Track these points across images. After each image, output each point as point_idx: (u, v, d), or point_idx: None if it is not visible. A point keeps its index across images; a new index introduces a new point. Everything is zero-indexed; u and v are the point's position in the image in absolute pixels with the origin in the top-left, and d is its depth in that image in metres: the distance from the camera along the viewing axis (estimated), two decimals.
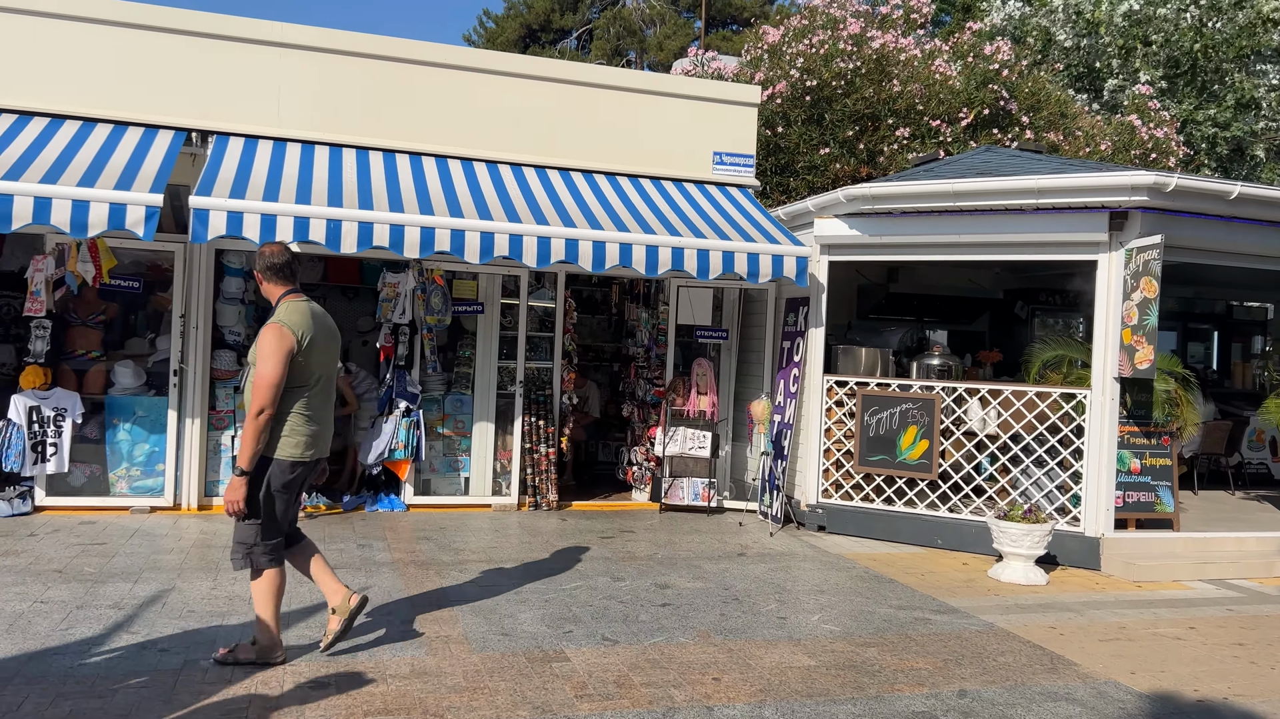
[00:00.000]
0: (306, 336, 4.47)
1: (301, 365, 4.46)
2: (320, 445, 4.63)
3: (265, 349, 4.37)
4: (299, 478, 4.57)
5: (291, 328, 4.43)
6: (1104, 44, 17.29)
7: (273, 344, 4.36)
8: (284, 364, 4.37)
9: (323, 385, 4.61)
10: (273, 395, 4.34)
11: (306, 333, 4.47)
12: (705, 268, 7.97)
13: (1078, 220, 7.54)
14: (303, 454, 4.52)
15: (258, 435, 4.35)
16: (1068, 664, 5.26)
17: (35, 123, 7.65)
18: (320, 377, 4.59)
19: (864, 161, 11.38)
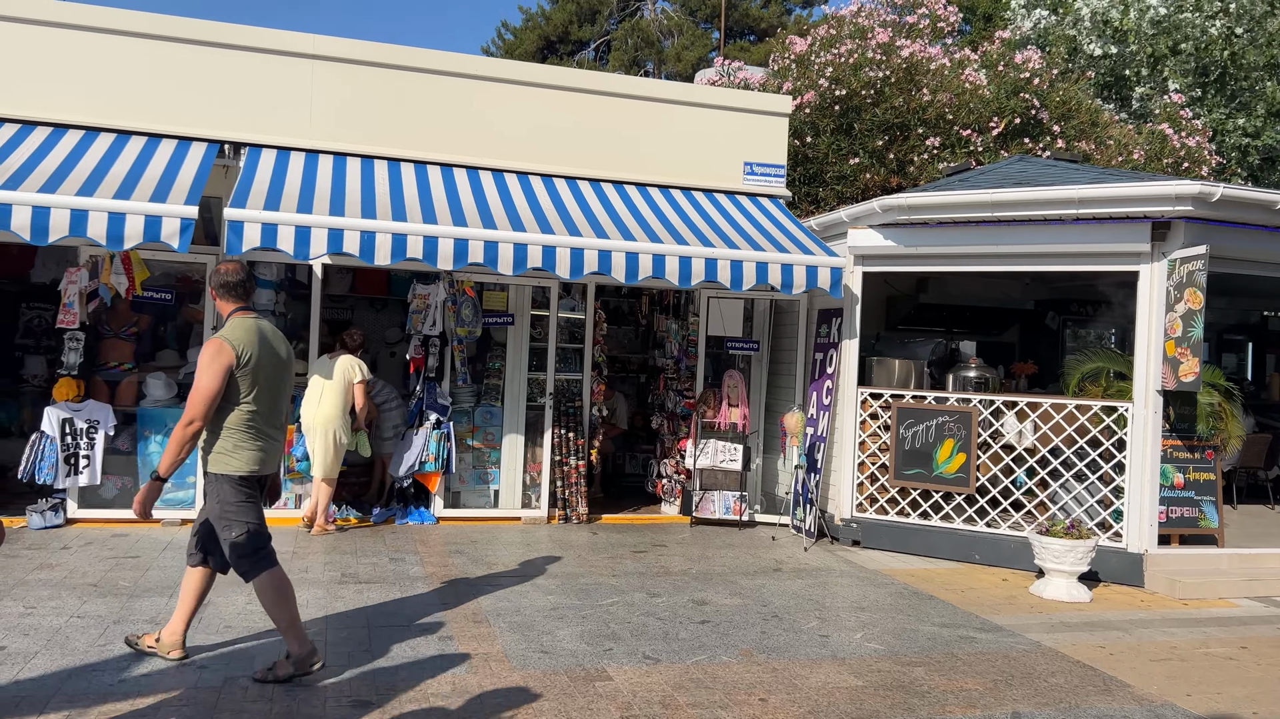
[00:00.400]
0: (248, 353, 4.49)
1: (244, 381, 4.49)
2: (269, 461, 4.68)
3: (202, 362, 4.43)
4: (251, 490, 4.64)
5: (233, 343, 4.47)
6: (1131, 52, 17.13)
7: (210, 358, 4.42)
8: (220, 378, 4.41)
9: (269, 402, 4.63)
10: (205, 409, 4.39)
11: (248, 349, 4.50)
12: (739, 278, 7.89)
13: (1119, 230, 7.42)
14: (250, 469, 4.57)
15: (182, 445, 4.40)
16: (1121, 685, 5.14)
17: (70, 135, 7.67)
18: (265, 393, 4.60)
19: (894, 171, 11.28)
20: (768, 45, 31.41)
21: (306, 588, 6.25)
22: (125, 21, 7.91)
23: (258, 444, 4.59)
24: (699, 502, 9.15)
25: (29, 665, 4.63)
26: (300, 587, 6.27)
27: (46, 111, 7.74)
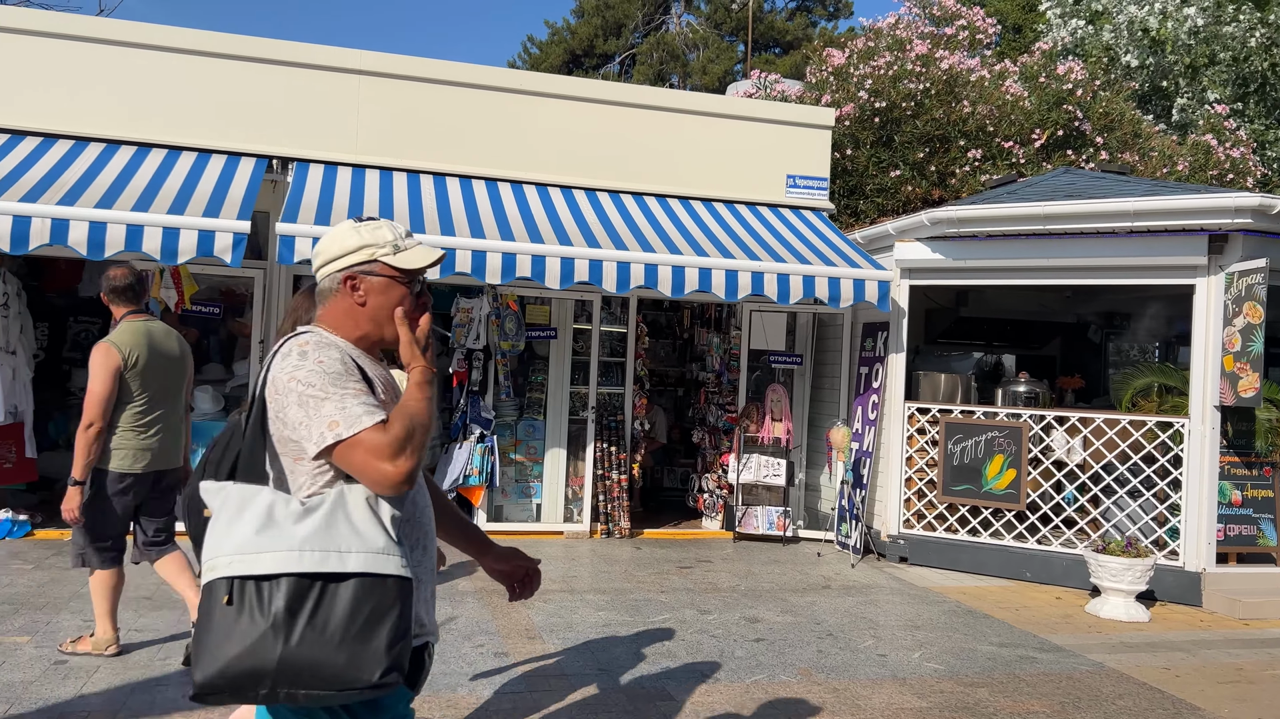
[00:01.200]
0: (135, 354, 4.70)
1: (133, 382, 4.70)
2: (156, 459, 4.84)
3: (93, 366, 4.61)
4: (129, 488, 4.79)
5: (119, 346, 4.66)
6: (1170, 63, 16.96)
7: (98, 362, 4.61)
8: (110, 380, 4.61)
9: (155, 401, 4.80)
10: (100, 410, 4.59)
11: (135, 351, 4.70)
12: (785, 292, 7.84)
13: (1174, 243, 7.31)
14: (131, 466, 4.75)
15: (88, 447, 4.60)
16: (1191, 708, 5.02)
17: (123, 151, 7.76)
18: (152, 393, 4.79)
19: (935, 184, 11.20)
20: (793, 57, 31.47)
21: None
22: (176, 39, 8.00)
23: (143, 443, 4.79)
24: (742, 517, 9.08)
25: (91, 680, 4.64)
26: None
27: (100, 128, 7.83)
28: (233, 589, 1.89)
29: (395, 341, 2.18)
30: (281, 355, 2.06)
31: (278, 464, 2.07)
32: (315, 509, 1.97)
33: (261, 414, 2.07)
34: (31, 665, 4.79)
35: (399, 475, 1.95)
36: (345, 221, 2.21)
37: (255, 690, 1.89)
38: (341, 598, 1.92)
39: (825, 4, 35.46)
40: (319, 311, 2.23)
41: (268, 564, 1.91)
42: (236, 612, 1.89)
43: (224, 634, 1.88)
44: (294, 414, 2.00)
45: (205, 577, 1.94)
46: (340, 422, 1.97)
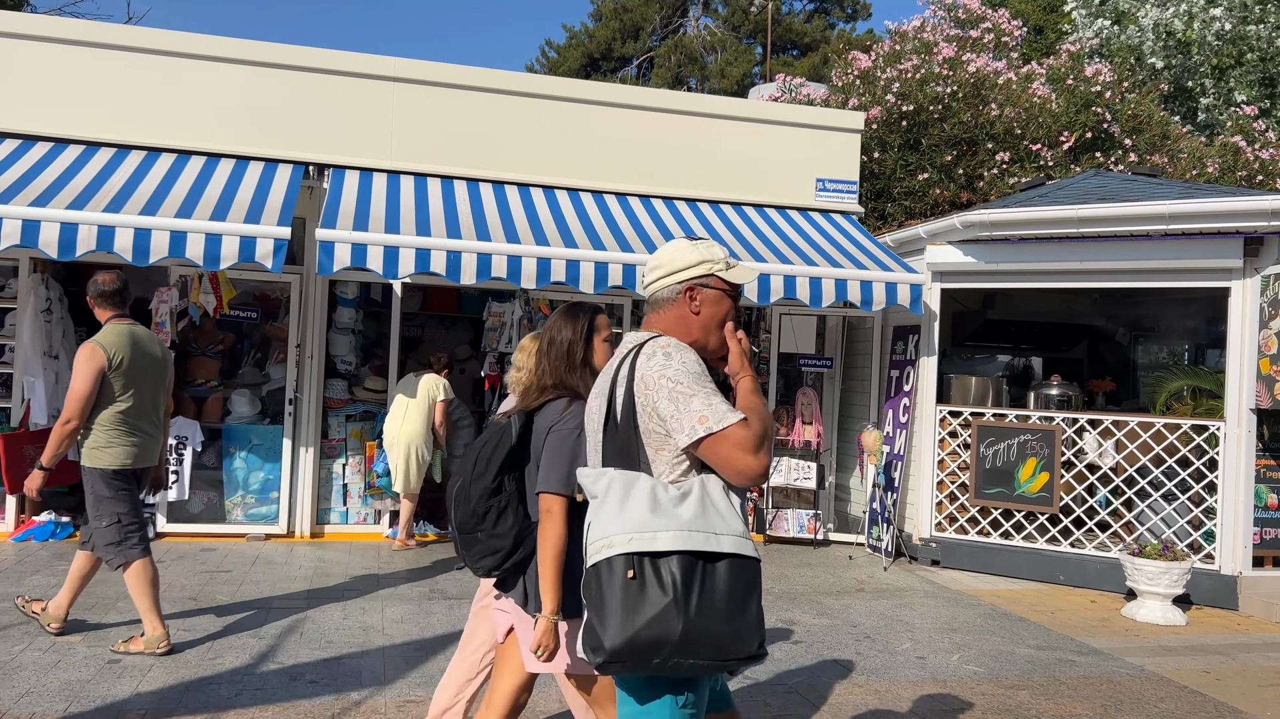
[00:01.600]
0: (119, 355, 4.90)
1: (117, 382, 4.91)
2: (142, 456, 5.06)
3: (77, 365, 4.81)
4: (123, 483, 5.00)
5: (105, 347, 4.87)
6: (1195, 63, 16.89)
7: (83, 361, 4.82)
8: (93, 380, 4.81)
9: (140, 401, 5.03)
10: (80, 408, 4.80)
11: (120, 352, 4.91)
12: (818, 295, 7.87)
13: (1209, 246, 7.30)
14: (122, 463, 4.97)
15: (61, 441, 4.82)
16: (1234, 712, 5.02)
17: (164, 158, 7.87)
18: (138, 392, 5.01)
19: (963, 187, 11.20)
20: (811, 59, 31.48)
21: (396, 603, 6.32)
22: (215, 47, 8.11)
23: (131, 440, 4.99)
24: (772, 520, 9.11)
25: (146, 679, 4.72)
26: (390, 602, 6.34)
27: (140, 135, 7.95)
28: (635, 564, 2.09)
29: (718, 349, 2.43)
30: (646, 356, 2.28)
31: (643, 453, 2.27)
32: (689, 494, 2.19)
33: (630, 408, 2.27)
34: (86, 665, 4.88)
35: (760, 468, 2.16)
36: (680, 240, 2.47)
37: (653, 659, 2.07)
38: (719, 575, 2.13)
39: (843, 6, 35.44)
40: (651, 318, 2.48)
41: (664, 542, 2.10)
42: (640, 586, 2.08)
43: (630, 607, 2.07)
44: (665, 408, 2.20)
45: (599, 554, 2.14)
46: (709, 417, 2.16)
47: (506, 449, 2.80)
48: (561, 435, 2.90)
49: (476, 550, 2.98)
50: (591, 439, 2.47)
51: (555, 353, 3.08)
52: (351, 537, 8.42)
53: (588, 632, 2.12)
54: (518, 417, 2.92)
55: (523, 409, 2.98)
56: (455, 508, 2.89)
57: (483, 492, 2.93)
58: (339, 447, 8.55)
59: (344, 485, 8.55)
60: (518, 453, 3.00)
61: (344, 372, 8.61)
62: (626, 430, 2.27)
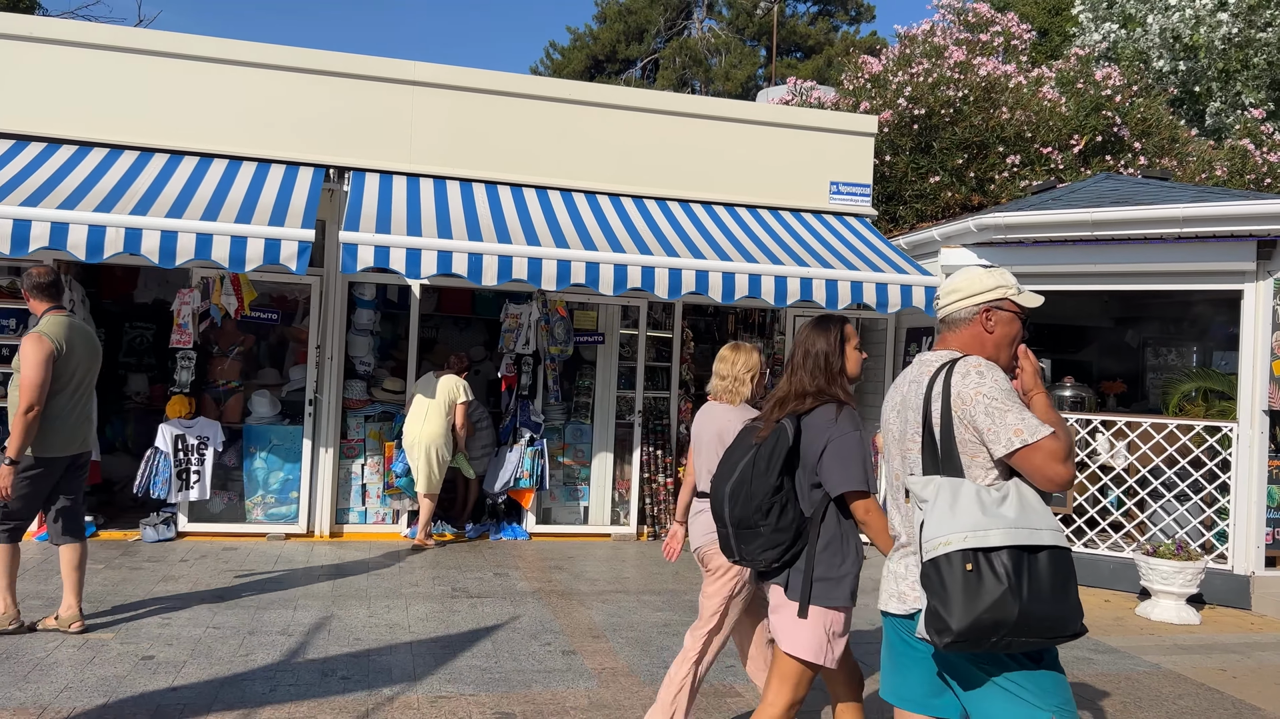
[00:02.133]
0: (63, 345, 5.13)
1: (59, 370, 5.11)
2: (75, 442, 5.26)
3: (28, 356, 5.01)
4: (49, 472, 5.18)
5: (50, 336, 5.09)
6: (1202, 67, 16.96)
7: (31, 350, 5.02)
8: (45, 367, 5.01)
9: (75, 389, 5.23)
10: (39, 394, 4.99)
11: (63, 342, 5.13)
12: (834, 298, 7.95)
13: (1222, 249, 7.37)
14: (51, 451, 5.14)
15: (26, 430, 4.98)
16: (1252, 709, 5.09)
17: (186, 161, 7.96)
18: (76, 381, 5.23)
19: (974, 189, 11.27)
20: (815, 61, 31.56)
21: (420, 602, 6.39)
22: (236, 51, 8.19)
23: (66, 427, 5.18)
24: None
25: (181, 674, 4.80)
26: (414, 600, 6.42)
27: (164, 139, 8.04)
28: (972, 559, 2.39)
29: (1007, 366, 2.69)
30: (961, 374, 2.57)
31: (955, 460, 2.57)
32: (1007, 496, 2.48)
33: (948, 420, 2.56)
34: (120, 661, 4.96)
35: (1069, 476, 2.45)
36: (973, 266, 2.78)
37: (989, 639, 2.37)
38: (1041, 565, 2.41)
39: (847, 8, 35.51)
40: (947, 336, 2.77)
41: (995, 539, 2.40)
42: (977, 577, 2.38)
43: (971, 595, 2.37)
44: (982, 421, 2.50)
45: (936, 550, 2.44)
46: (1023, 430, 2.45)
47: (785, 451, 3.15)
48: (845, 441, 3.16)
49: (758, 544, 3.21)
50: (893, 447, 2.79)
51: (813, 364, 3.31)
52: (370, 536, 8.50)
53: (932, 616, 2.41)
54: (789, 420, 3.22)
55: (794, 413, 3.26)
56: (732, 505, 3.18)
57: (767, 489, 3.17)
58: (358, 447, 8.63)
59: (363, 485, 8.63)
60: (793, 454, 3.25)
61: (362, 373, 8.69)
62: (947, 440, 2.57)
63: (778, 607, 3.29)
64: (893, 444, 2.79)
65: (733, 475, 3.25)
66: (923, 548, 2.47)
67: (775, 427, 3.23)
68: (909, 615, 2.67)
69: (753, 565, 3.29)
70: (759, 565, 3.27)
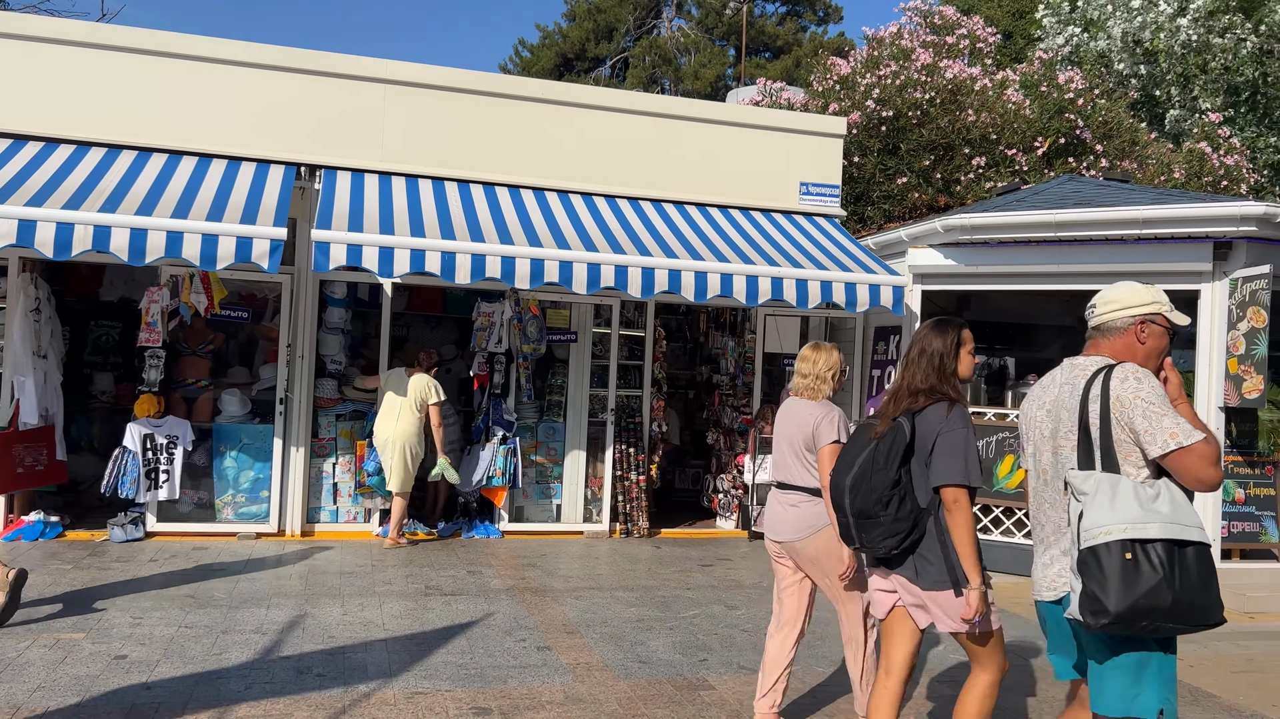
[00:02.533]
0: None
1: None
2: None
3: None
4: None
5: None
6: (1162, 71, 17.31)
7: None
8: None
9: None
10: None
11: None
12: (804, 297, 8.05)
13: (1180, 250, 7.56)
14: None
15: None
16: (1208, 697, 5.25)
17: (155, 158, 7.90)
18: None
19: (940, 190, 11.45)
20: (784, 62, 31.78)
21: (394, 599, 6.41)
22: (205, 48, 8.14)
23: None
24: (757, 516, 9.28)
25: (155, 673, 4.79)
26: (388, 598, 6.43)
27: (131, 135, 7.97)
28: (1130, 548, 2.64)
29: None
30: (1119, 379, 2.83)
31: (1113, 458, 2.81)
32: (1160, 494, 2.72)
33: (1106, 421, 2.82)
34: (93, 660, 4.94)
35: (1219, 479, 2.70)
36: (1131, 282, 3.06)
37: (1141, 622, 2.63)
38: (1190, 558, 2.66)
39: (815, 9, 35.77)
40: (1099, 343, 3.03)
41: (1153, 531, 2.65)
42: (1135, 565, 2.64)
43: (1129, 581, 2.63)
44: (1139, 424, 2.76)
45: (1096, 539, 2.69)
46: (1179, 433, 2.70)
47: (903, 446, 3.39)
48: (954, 436, 3.38)
49: (878, 533, 3.43)
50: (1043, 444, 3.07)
51: (927, 363, 3.52)
52: (342, 535, 8.48)
53: (1089, 598, 2.66)
54: (905, 417, 3.44)
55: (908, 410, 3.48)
56: (853, 497, 3.43)
57: (887, 483, 3.39)
58: (329, 446, 8.61)
59: (334, 484, 8.61)
60: (909, 449, 3.47)
61: (333, 371, 8.67)
62: (1105, 439, 2.83)
63: (928, 600, 3.45)
64: (1042, 441, 3.08)
65: (853, 469, 3.49)
66: (1081, 536, 2.73)
67: (892, 424, 3.46)
68: (1057, 602, 2.98)
69: (871, 552, 3.51)
70: (878, 552, 3.48)
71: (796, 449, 4.32)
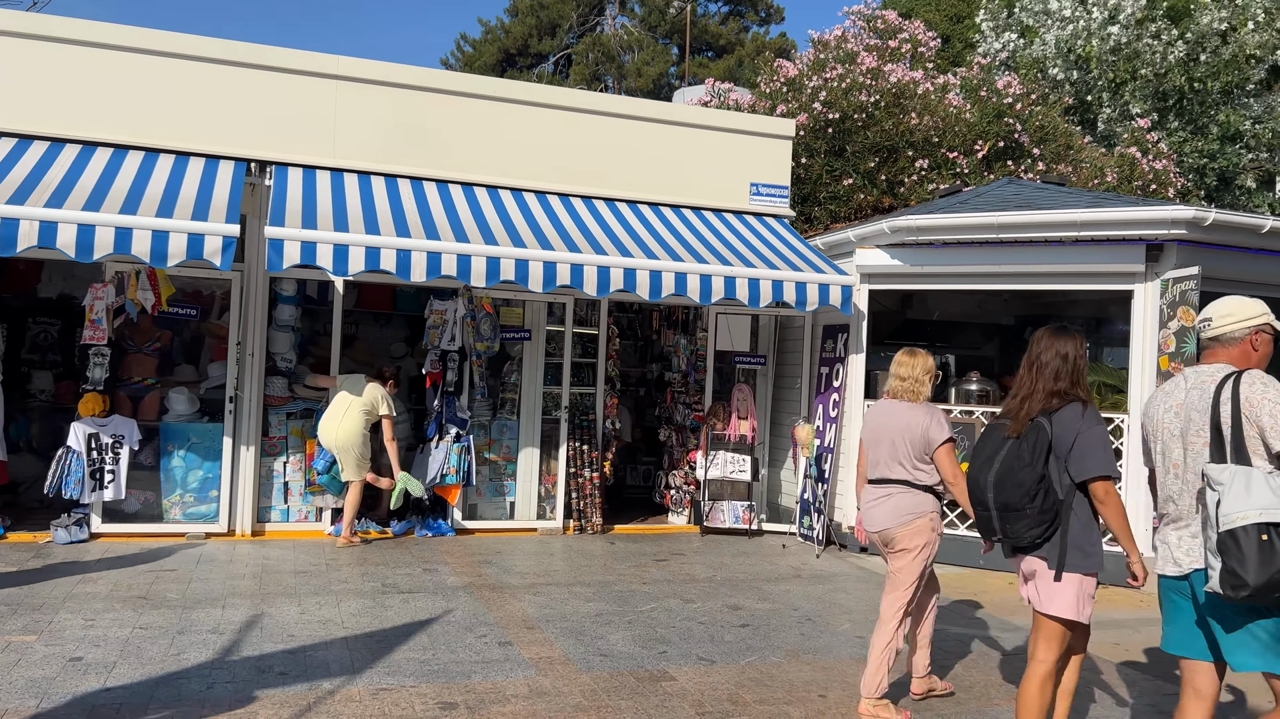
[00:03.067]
0: None
1: None
2: None
3: None
4: None
5: None
6: (1094, 77, 17.88)
7: None
8: None
9: None
10: None
11: None
12: (756, 296, 8.20)
13: (1115, 252, 7.87)
14: None
15: None
16: (1144, 678, 5.50)
17: (100, 153, 7.75)
18: None
19: (885, 192, 11.71)
20: (726, 61, 32.05)
21: (351, 598, 6.40)
22: (152, 41, 8.01)
23: None
24: (709, 511, 9.43)
25: (113, 675, 4.74)
26: (345, 597, 6.42)
27: (76, 129, 7.81)
28: (1266, 531, 3.07)
29: None
30: (1248, 384, 3.29)
31: (1244, 452, 3.24)
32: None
33: (1238, 419, 3.27)
34: (48, 663, 4.87)
35: None
36: (1239, 296, 3.53)
37: (1274, 594, 3.07)
38: None
39: (757, 10, 36.12)
40: (1217, 351, 3.51)
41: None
42: (1270, 545, 3.07)
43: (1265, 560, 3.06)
44: (1265, 421, 3.22)
45: (1233, 523, 3.11)
46: None
47: (1046, 444, 3.70)
48: (1094, 434, 3.71)
49: (1024, 524, 3.75)
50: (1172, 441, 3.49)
51: (1059, 366, 3.83)
52: (293, 534, 8.41)
53: (1229, 574, 3.09)
54: (1044, 418, 3.75)
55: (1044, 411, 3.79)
56: (997, 492, 3.77)
57: (1033, 479, 3.70)
58: (280, 444, 8.53)
59: (285, 483, 8.54)
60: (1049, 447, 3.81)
61: (284, 369, 8.59)
62: (1236, 436, 3.26)
63: (1037, 576, 3.82)
64: (1171, 439, 3.50)
65: (994, 466, 3.79)
66: (1220, 520, 3.14)
67: (1032, 424, 3.78)
68: (1182, 577, 3.41)
69: (1015, 542, 3.82)
70: (1022, 542, 3.80)
71: (897, 447, 4.69)
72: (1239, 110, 17.47)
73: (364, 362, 9.89)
